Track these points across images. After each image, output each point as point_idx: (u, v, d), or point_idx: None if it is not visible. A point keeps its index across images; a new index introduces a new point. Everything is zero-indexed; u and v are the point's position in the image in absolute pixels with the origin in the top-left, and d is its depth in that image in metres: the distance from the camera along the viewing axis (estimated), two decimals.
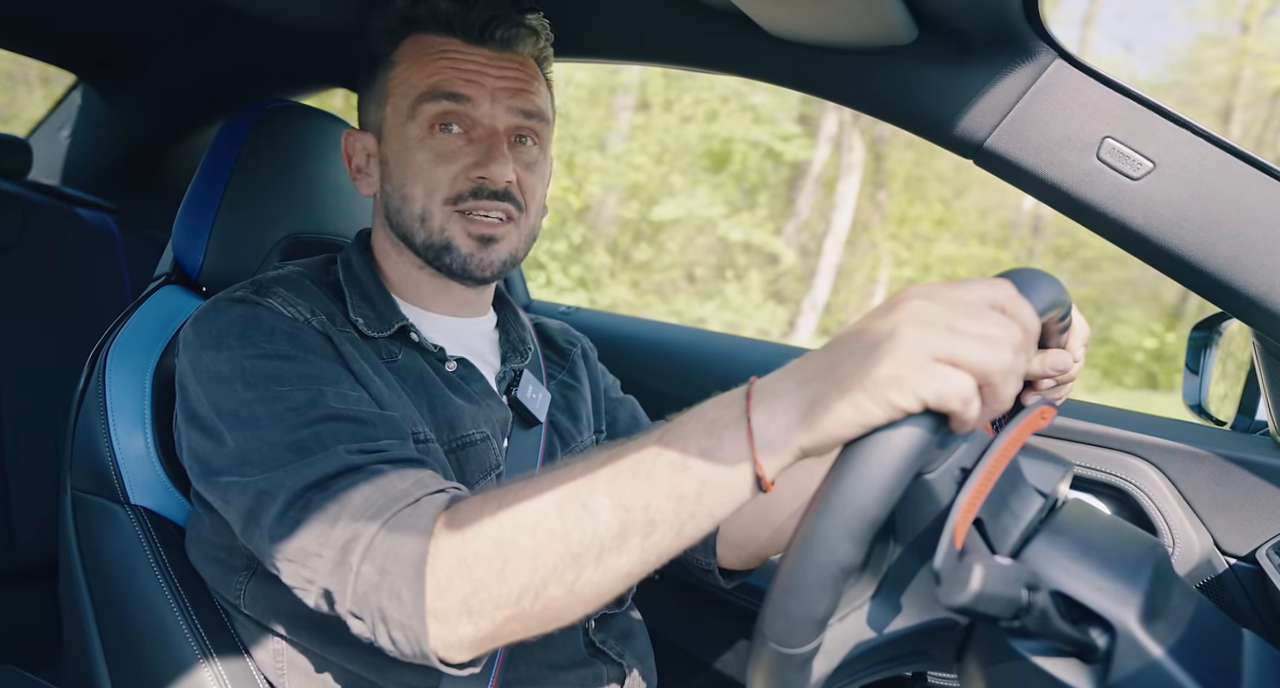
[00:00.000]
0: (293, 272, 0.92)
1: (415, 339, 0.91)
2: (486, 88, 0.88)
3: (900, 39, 0.87)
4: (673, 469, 0.56)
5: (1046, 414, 0.60)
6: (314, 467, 0.70)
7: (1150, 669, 0.53)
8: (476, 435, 0.90)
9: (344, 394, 0.77)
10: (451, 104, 0.87)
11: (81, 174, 1.93)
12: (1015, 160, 0.86)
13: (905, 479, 0.51)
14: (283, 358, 0.78)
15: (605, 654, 0.94)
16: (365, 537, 0.65)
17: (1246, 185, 0.78)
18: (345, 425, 0.73)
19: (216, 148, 1.06)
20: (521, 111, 0.90)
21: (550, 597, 0.60)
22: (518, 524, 0.60)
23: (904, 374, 0.50)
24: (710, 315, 9.41)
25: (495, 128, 0.89)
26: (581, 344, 1.16)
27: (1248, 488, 0.94)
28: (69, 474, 1.00)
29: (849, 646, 0.60)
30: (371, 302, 0.91)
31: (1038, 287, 0.57)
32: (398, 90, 0.90)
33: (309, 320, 0.83)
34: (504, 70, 0.90)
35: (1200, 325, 1.15)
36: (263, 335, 0.80)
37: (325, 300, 0.88)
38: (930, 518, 0.58)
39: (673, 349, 1.50)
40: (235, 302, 0.83)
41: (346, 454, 0.70)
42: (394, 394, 0.84)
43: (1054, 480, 0.61)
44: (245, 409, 0.75)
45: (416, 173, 0.88)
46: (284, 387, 0.76)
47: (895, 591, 0.61)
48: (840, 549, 0.50)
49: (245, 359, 0.78)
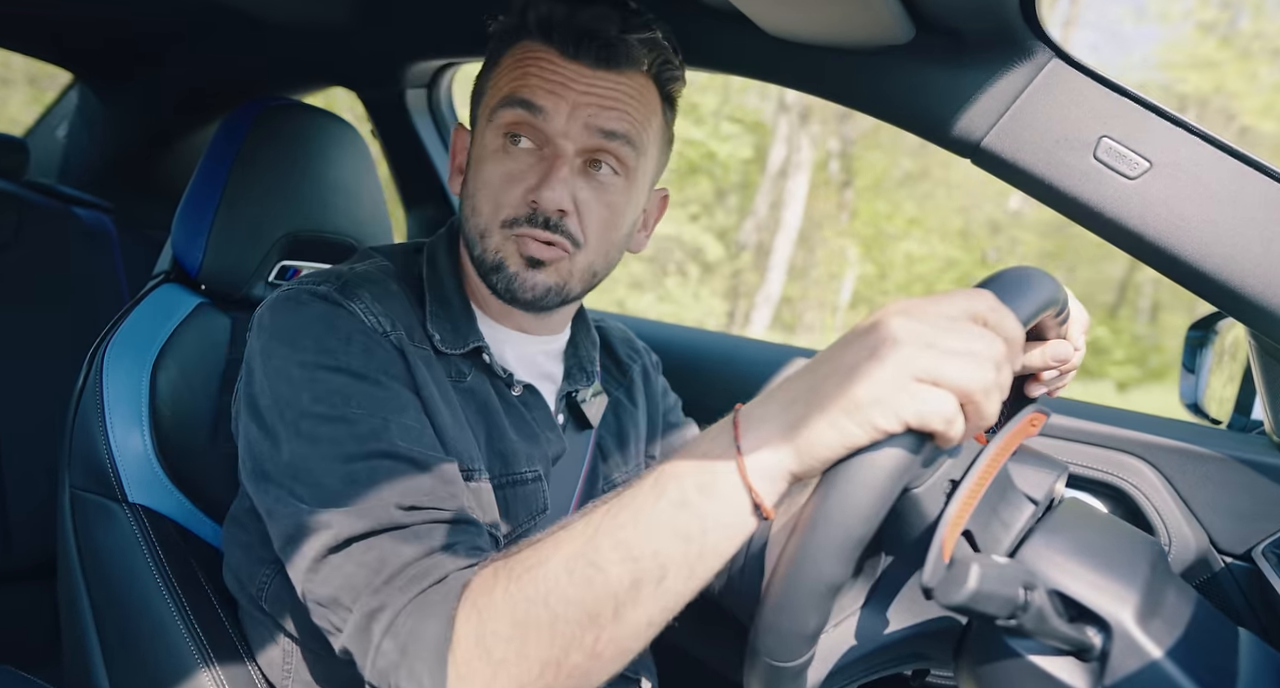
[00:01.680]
0: (378, 269, 0.88)
1: (486, 361, 0.88)
2: (567, 100, 0.81)
3: (898, 39, 0.87)
4: (673, 511, 0.55)
5: (1036, 421, 0.60)
6: (362, 517, 0.68)
7: (1147, 668, 0.53)
8: (529, 475, 0.87)
9: (408, 427, 0.75)
10: (524, 113, 0.81)
11: (78, 173, 1.93)
12: (1012, 160, 0.86)
13: (890, 498, 0.51)
14: (355, 375, 0.76)
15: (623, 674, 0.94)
16: (390, 610, 0.64)
17: (1243, 185, 0.78)
18: (401, 467, 0.72)
19: (216, 146, 1.06)
20: (602, 131, 0.81)
21: (573, 665, 0.58)
22: (530, 597, 0.59)
23: (885, 395, 0.50)
24: (648, 306, 9.76)
25: (564, 147, 0.82)
26: (643, 361, 1.11)
27: (1244, 487, 0.95)
28: (67, 473, 1.00)
29: (842, 652, 0.61)
30: (450, 313, 0.88)
31: (1027, 288, 0.57)
32: (489, 91, 0.86)
33: (388, 334, 0.81)
34: (594, 85, 0.82)
35: (1196, 325, 1.15)
36: (340, 343, 0.77)
37: (407, 309, 0.85)
38: (919, 531, 0.58)
39: (673, 349, 1.50)
40: (319, 298, 0.80)
41: (396, 511, 0.69)
42: (457, 424, 0.82)
43: (1046, 485, 0.61)
44: (307, 423, 0.73)
45: (486, 188, 0.84)
46: (351, 408, 0.73)
47: (887, 598, 0.61)
48: (828, 568, 0.50)
49: (318, 368, 0.76)
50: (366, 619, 0.65)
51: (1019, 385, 0.76)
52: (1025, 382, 0.73)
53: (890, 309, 0.53)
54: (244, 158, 1.05)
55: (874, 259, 11.40)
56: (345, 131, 1.16)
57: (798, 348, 1.43)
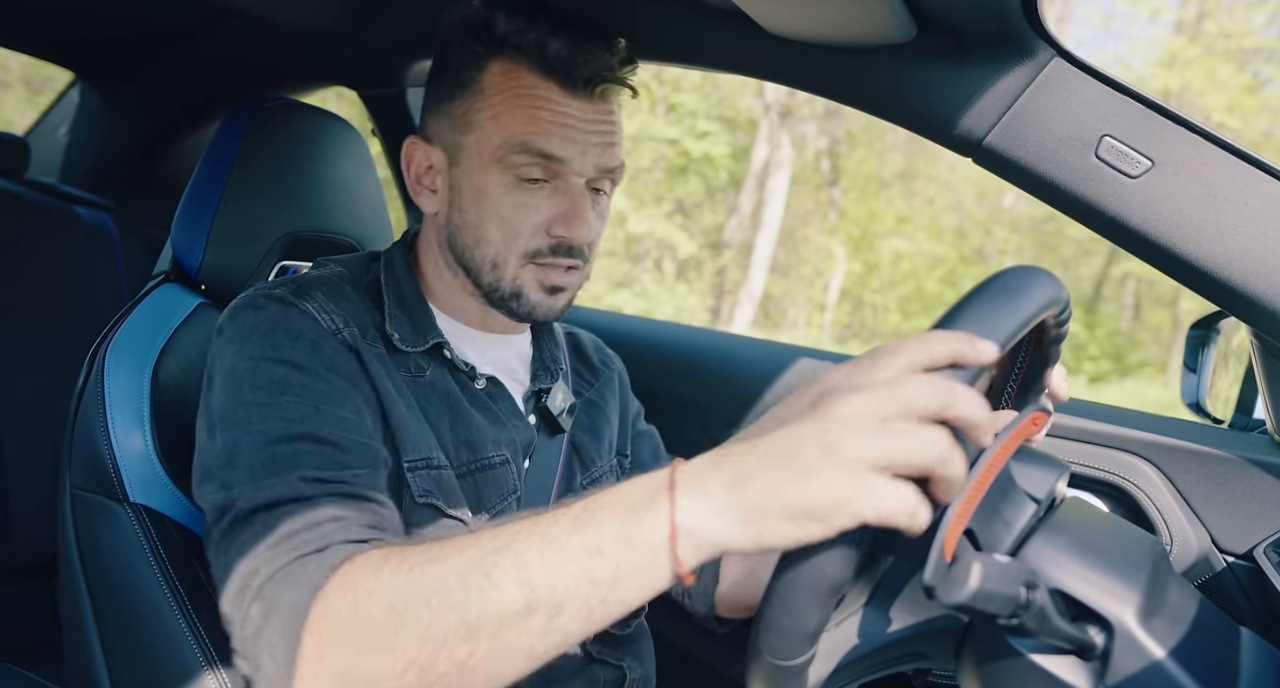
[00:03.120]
0: (334, 274, 0.90)
1: (447, 356, 0.90)
2: (579, 145, 0.85)
3: (899, 37, 0.87)
4: (586, 551, 0.53)
5: (1039, 420, 0.60)
6: (268, 489, 0.69)
7: (1148, 667, 0.53)
8: (496, 459, 0.89)
9: (340, 417, 0.76)
10: (542, 160, 0.84)
11: (79, 172, 1.93)
12: (1014, 158, 0.86)
13: None
14: (295, 367, 0.78)
15: (604, 661, 0.94)
16: (263, 575, 0.63)
17: (1245, 184, 0.78)
18: (324, 449, 0.73)
19: (215, 146, 1.06)
20: (607, 169, 0.88)
21: (439, 673, 0.56)
22: (415, 590, 0.56)
23: (845, 496, 0.48)
24: (624, 301, 9.95)
25: (581, 187, 0.86)
26: (616, 367, 1.14)
27: (1246, 486, 0.94)
28: (68, 472, 1.00)
29: (844, 651, 0.60)
30: (409, 312, 0.90)
31: (1006, 302, 0.56)
32: (486, 126, 0.86)
33: (340, 331, 0.83)
34: (597, 124, 0.86)
35: (1198, 324, 1.15)
36: (287, 338, 0.79)
37: (361, 309, 0.87)
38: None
39: (673, 348, 1.50)
40: (273, 299, 0.83)
41: (299, 482, 0.69)
42: (414, 417, 0.84)
43: (1048, 484, 0.61)
44: (242, 411, 0.75)
45: (497, 219, 0.86)
46: (285, 396, 0.75)
47: (889, 597, 0.61)
48: (828, 567, 0.50)
49: (261, 361, 0.78)
50: (243, 582, 0.65)
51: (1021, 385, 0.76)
52: None
53: (834, 384, 0.52)
54: (244, 157, 1.05)
55: (861, 257, 11.50)
56: (345, 131, 1.16)
57: (797, 347, 1.43)
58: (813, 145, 12.10)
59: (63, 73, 1.93)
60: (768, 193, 11.00)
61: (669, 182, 10.98)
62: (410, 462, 0.82)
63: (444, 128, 0.89)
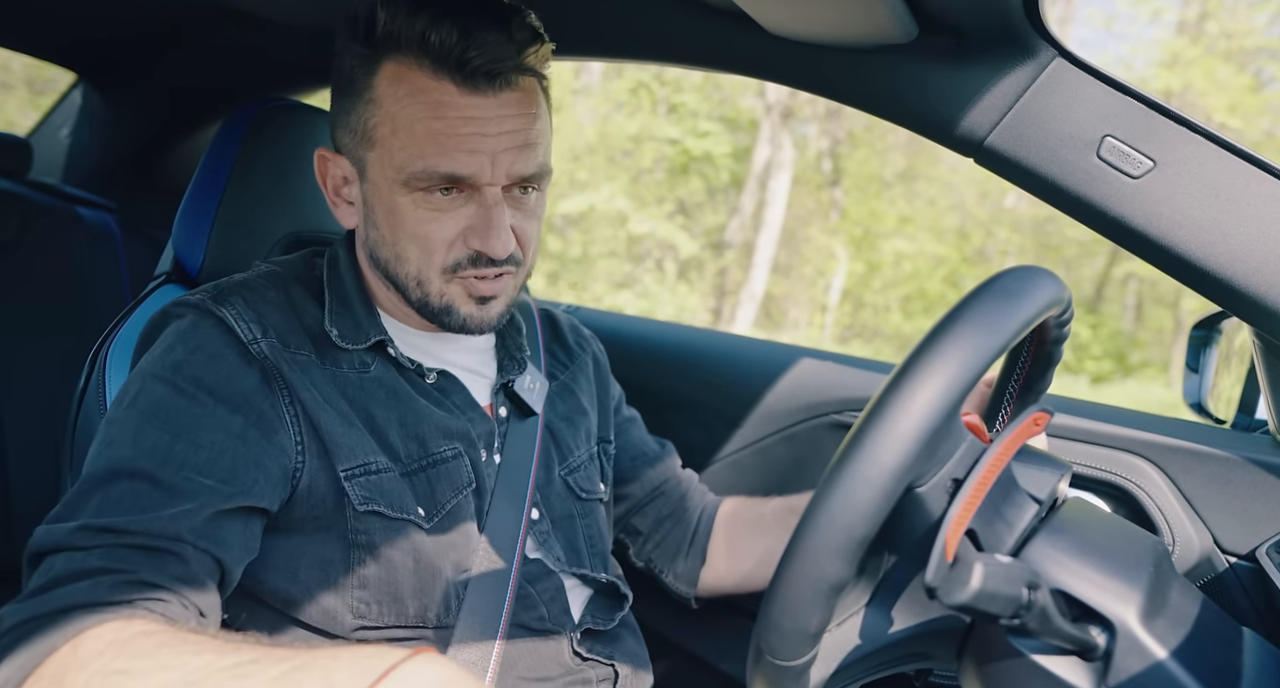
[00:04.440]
0: (261, 277, 0.88)
1: (391, 353, 0.88)
2: (486, 154, 0.77)
3: (900, 38, 0.87)
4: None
5: (1040, 421, 0.60)
6: (51, 534, 0.68)
7: (1150, 668, 0.53)
8: (447, 453, 0.87)
9: (194, 450, 0.73)
10: (449, 181, 0.78)
11: (82, 173, 1.93)
12: (1016, 159, 0.86)
13: (893, 497, 0.50)
14: (176, 389, 0.76)
15: (594, 660, 0.94)
16: (4, 626, 0.62)
17: (1247, 184, 0.78)
18: (149, 490, 0.71)
19: (216, 146, 1.06)
20: (523, 175, 0.81)
21: None
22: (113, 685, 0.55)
23: None
24: (625, 302, 10.02)
25: (496, 196, 0.80)
26: (592, 349, 1.12)
27: (1248, 486, 0.94)
28: (69, 472, 1.00)
29: (846, 651, 0.60)
30: (351, 310, 0.88)
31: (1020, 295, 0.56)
32: (387, 143, 0.79)
33: (256, 341, 0.80)
34: (505, 123, 0.78)
35: (1200, 324, 1.15)
36: (184, 354, 0.78)
37: (290, 313, 0.85)
38: (923, 530, 0.58)
39: (674, 349, 1.50)
40: (190, 307, 0.82)
41: (78, 532, 0.68)
42: (346, 422, 0.82)
43: (1049, 485, 0.61)
44: (111, 427, 0.76)
45: (408, 235, 0.81)
46: (150, 425, 0.74)
47: (891, 598, 0.61)
48: (830, 566, 0.50)
49: (148, 377, 0.78)
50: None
51: (1023, 385, 0.76)
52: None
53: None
54: (244, 158, 1.05)
55: (863, 257, 11.53)
56: None
57: (797, 347, 1.43)
58: (814, 146, 12.11)
59: (65, 74, 1.93)
60: (769, 193, 11.02)
61: (670, 182, 11.01)
62: (346, 470, 0.80)
63: (348, 141, 0.83)
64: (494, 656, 0.85)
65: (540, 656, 0.89)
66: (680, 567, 1.11)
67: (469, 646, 0.84)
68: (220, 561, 0.73)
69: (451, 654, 0.84)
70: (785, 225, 11.34)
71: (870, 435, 0.51)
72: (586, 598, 0.96)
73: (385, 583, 0.83)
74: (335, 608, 0.82)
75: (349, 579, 0.82)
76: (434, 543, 0.84)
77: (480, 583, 0.86)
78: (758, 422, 1.35)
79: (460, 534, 0.87)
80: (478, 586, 0.86)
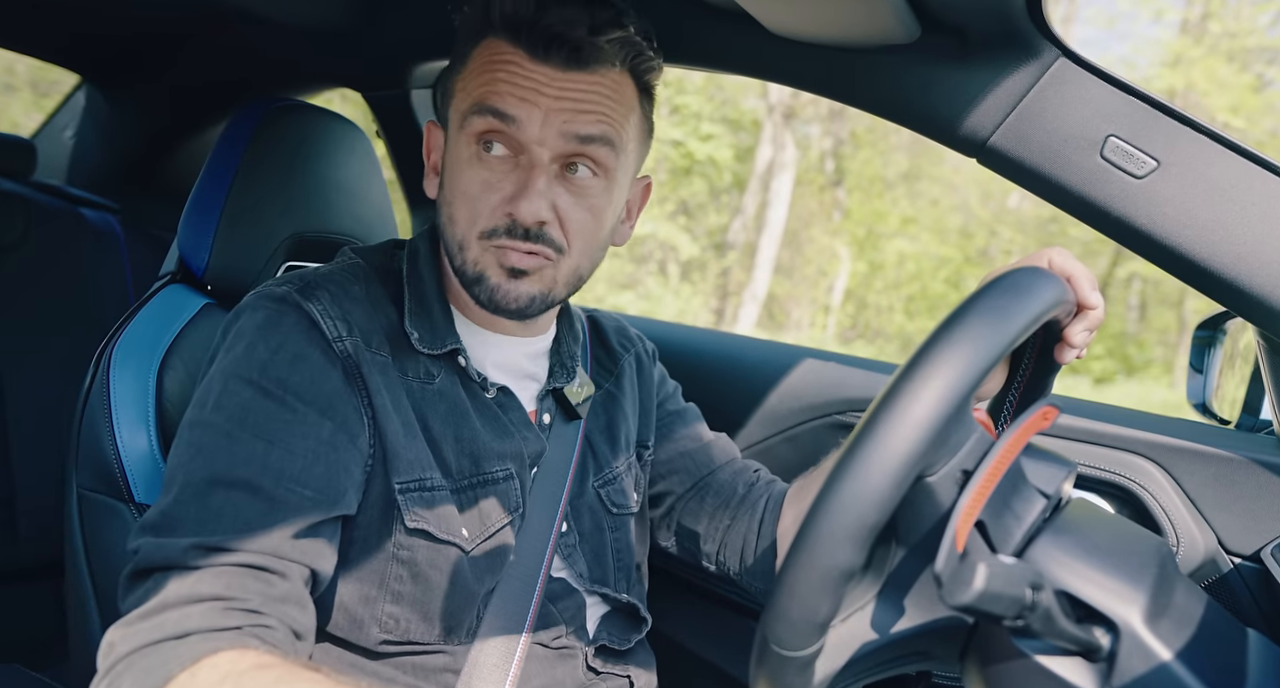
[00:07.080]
0: (346, 270, 0.87)
1: (462, 363, 0.87)
2: (540, 107, 0.78)
3: (903, 38, 0.86)
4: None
5: (1049, 415, 0.60)
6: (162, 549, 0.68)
7: (1154, 669, 0.53)
8: (499, 473, 0.87)
9: (291, 458, 0.74)
10: (496, 121, 0.79)
11: (85, 174, 1.94)
12: (1019, 159, 0.86)
13: (905, 484, 0.50)
14: (265, 393, 0.76)
15: (609, 674, 0.94)
16: (118, 651, 0.63)
17: (1251, 183, 0.78)
18: (253, 503, 0.71)
19: (221, 147, 1.06)
20: (578, 137, 0.79)
21: None
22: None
23: None
24: (628, 303, 10.07)
25: (539, 155, 0.79)
26: (636, 349, 1.09)
27: (1253, 487, 0.94)
28: (74, 473, 1.00)
29: (852, 647, 0.60)
30: (429, 312, 0.87)
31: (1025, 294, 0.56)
32: (458, 94, 0.83)
33: (341, 338, 0.80)
34: (567, 88, 0.79)
35: (1205, 324, 1.15)
36: (269, 353, 0.77)
37: (370, 312, 0.84)
38: (932, 520, 0.58)
39: (676, 350, 1.50)
40: (275, 300, 0.81)
41: (191, 551, 0.68)
42: (410, 434, 0.82)
43: (1056, 481, 0.61)
44: (198, 431, 0.75)
45: (462, 197, 0.82)
46: (241, 431, 0.74)
47: (898, 592, 0.61)
48: (840, 553, 0.50)
49: (232, 377, 0.76)
50: (107, 648, 0.65)
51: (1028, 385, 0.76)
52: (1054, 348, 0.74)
53: None
54: (249, 159, 1.05)
55: (866, 258, 11.54)
56: (350, 132, 1.16)
57: (800, 348, 1.43)
58: (817, 146, 12.13)
59: (69, 76, 1.94)
60: (772, 194, 11.04)
61: (673, 183, 11.03)
62: (402, 483, 0.80)
63: (443, 105, 0.88)
64: (510, 679, 0.84)
65: (555, 673, 0.89)
66: (751, 562, 1.02)
67: (486, 666, 0.83)
68: (316, 572, 0.74)
69: (467, 674, 0.83)
70: (788, 226, 11.36)
71: (883, 422, 0.51)
72: (603, 615, 0.95)
73: (419, 602, 0.82)
74: (363, 620, 0.81)
75: (382, 593, 0.81)
76: (473, 566, 0.84)
77: (503, 602, 0.85)
78: (760, 423, 1.35)
79: (498, 558, 0.86)
80: (500, 605, 0.85)
